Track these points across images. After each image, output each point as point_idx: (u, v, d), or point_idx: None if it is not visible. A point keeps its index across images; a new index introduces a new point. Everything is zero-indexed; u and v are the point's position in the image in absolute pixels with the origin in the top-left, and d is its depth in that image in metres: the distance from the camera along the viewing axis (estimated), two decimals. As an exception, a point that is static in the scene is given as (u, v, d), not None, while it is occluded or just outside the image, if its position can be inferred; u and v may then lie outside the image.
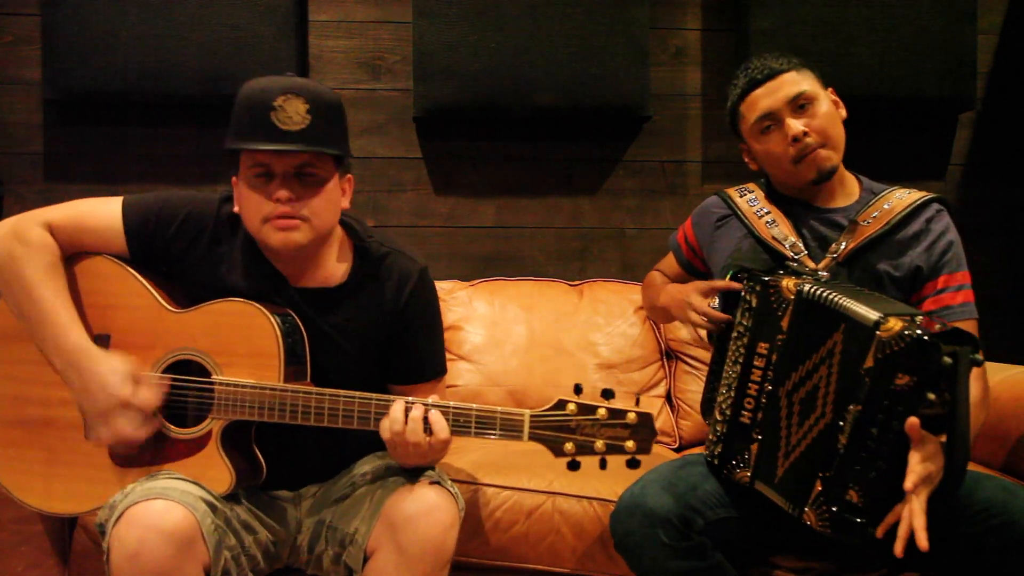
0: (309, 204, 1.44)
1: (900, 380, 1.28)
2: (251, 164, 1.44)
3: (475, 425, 1.40)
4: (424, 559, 1.38)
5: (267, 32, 2.48)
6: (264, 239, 1.46)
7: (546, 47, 2.53)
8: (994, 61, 2.74)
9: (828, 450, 1.35)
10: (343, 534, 1.47)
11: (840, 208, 1.65)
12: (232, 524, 1.42)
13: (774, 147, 1.62)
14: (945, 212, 1.64)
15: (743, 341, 1.48)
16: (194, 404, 1.46)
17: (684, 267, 1.89)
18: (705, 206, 1.83)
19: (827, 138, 1.60)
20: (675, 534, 1.41)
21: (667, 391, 2.37)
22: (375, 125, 2.66)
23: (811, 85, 1.62)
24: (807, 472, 1.37)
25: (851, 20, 2.55)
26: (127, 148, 2.61)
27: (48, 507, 1.50)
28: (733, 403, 1.48)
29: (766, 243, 1.64)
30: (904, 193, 1.64)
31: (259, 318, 1.45)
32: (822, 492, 1.34)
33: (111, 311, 1.50)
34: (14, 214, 1.51)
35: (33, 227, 1.47)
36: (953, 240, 1.61)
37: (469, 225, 2.69)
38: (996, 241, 2.73)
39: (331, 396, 1.42)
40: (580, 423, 1.36)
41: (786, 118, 1.59)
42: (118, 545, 1.28)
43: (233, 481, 1.42)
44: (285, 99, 1.41)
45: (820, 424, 1.37)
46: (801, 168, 1.60)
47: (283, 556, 1.55)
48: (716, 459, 1.50)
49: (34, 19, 2.55)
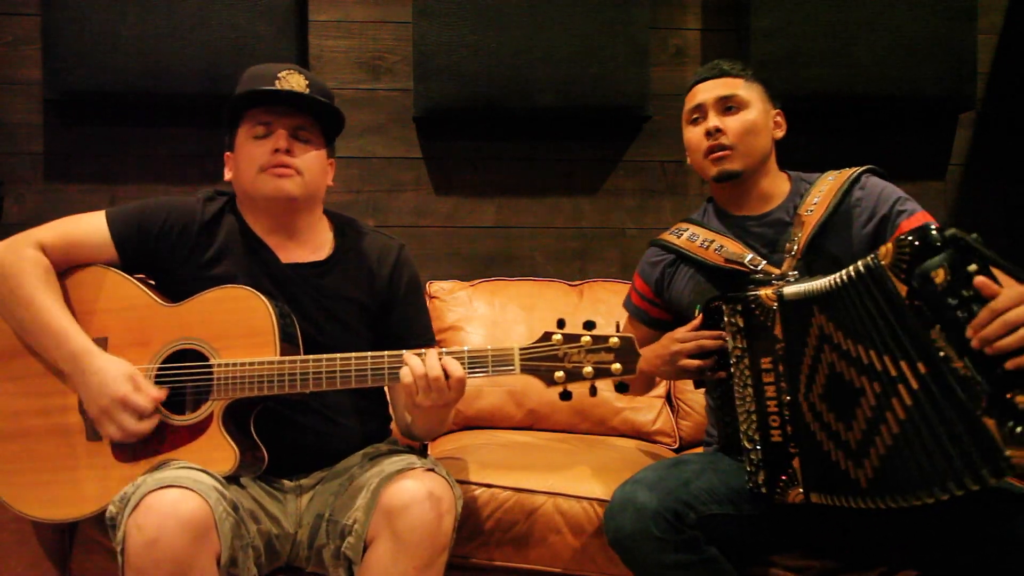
0: (303, 158, 1.59)
1: (938, 278, 1.23)
2: (254, 124, 1.58)
3: (467, 365, 1.43)
4: (421, 545, 1.40)
5: (267, 32, 2.48)
6: (258, 188, 1.58)
7: (546, 47, 2.53)
8: (994, 61, 2.74)
9: (949, 393, 1.23)
10: (342, 526, 1.48)
11: (777, 207, 1.68)
12: (239, 512, 1.43)
13: (693, 137, 1.71)
14: (872, 174, 1.65)
15: (745, 363, 1.46)
16: (193, 390, 1.49)
17: (648, 324, 1.84)
18: (646, 260, 1.83)
19: (740, 143, 1.65)
20: (666, 527, 1.42)
21: (667, 391, 2.37)
22: (375, 125, 2.66)
23: (748, 94, 1.68)
24: (945, 434, 1.23)
25: (851, 20, 2.55)
26: (127, 148, 2.61)
27: (54, 515, 1.51)
28: (759, 426, 1.45)
29: (723, 269, 1.65)
30: (834, 175, 1.67)
31: (251, 299, 1.50)
32: (1000, 422, 1.19)
33: (106, 315, 1.53)
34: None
35: (25, 247, 1.52)
36: (891, 192, 1.61)
37: (469, 225, 2.69)
38: (996, 241, 2.71)
39: (341, 359, 1.46)
40: (567, 351, 1.40)
41: (709, 113, 1.67)
42: (136, 532, 1.29)
43: (237, 457, 1.44)
44: (288, 73, 1.58)
45: (905, 395, 1.26)
46: (708, 163, 1.68)
47: (283, 553, 1.56)
48: (764, 487, 1.44)
49: (34, 19, 2.55)
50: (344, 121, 1.67)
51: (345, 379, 1.45)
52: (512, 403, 2.28)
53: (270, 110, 1.58)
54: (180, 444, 1.47)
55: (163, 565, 1.28)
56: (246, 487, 1.50)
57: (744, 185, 1.69)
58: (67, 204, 2.57)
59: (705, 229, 1.72)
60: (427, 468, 1.48)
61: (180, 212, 1.61)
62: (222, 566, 1.35)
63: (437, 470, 1.49)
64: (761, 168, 1.69)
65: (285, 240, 1.63)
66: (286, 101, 1.57)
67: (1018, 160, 2.75)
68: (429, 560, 1.41)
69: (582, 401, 2.30)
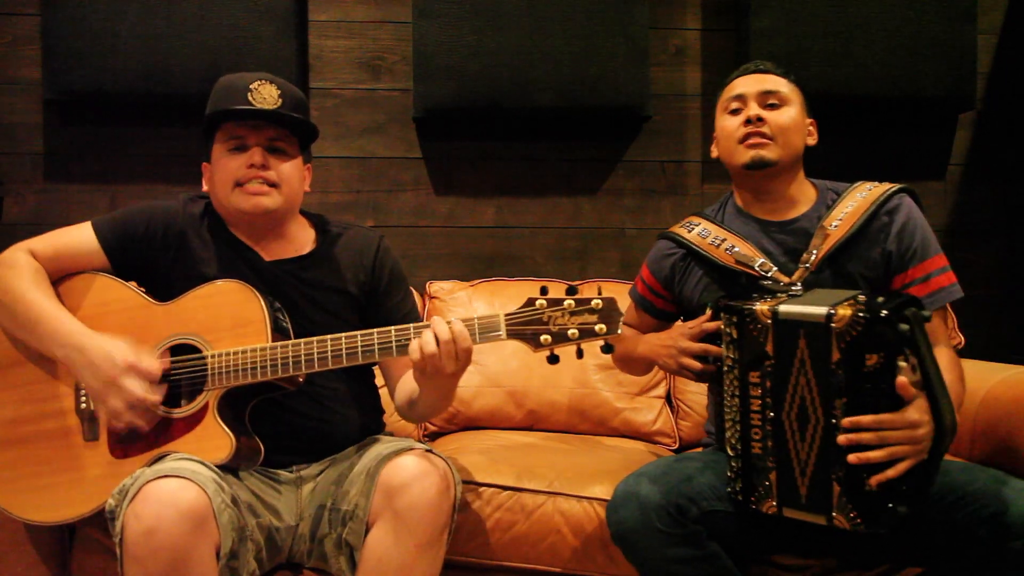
0: (279, 169, 1.59)
1: (870, 361, 1.32)
2: (227, 138, 1.59)
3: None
4: (422, 523, 1.40)
5: (267, 32, 2.48)
6: (235, 204, 1.58)
7: (546, 47, 2.53)
8: (994, 61, 2.74)
9: (834, 452, 1.35)
10: (343, 513, 1.49)
11: (802, 215, 1.67)
12: (238, 505, 1.43)
13: (730, 125, 1.69)
14: (906, 199, 1.64)
15: (735, 374, 1.46)
16: (188, 382, 1.50)
17: (651, 313, 1.85)
18: (657, 251, 1.82)
19: (779, 135, 1.64)
20: (669, 521, 1.42)
21: (667, 391, 2.37)
22: (375, 125, 2.66)
23: (791, 94, 1.69)
24: (823, 480, 1.37)
25: (851, 20, 2.55)
26: (127, 148, 2.61)
27: (53, 517, 1.51)
28: (741, 436, 1.46)
29: (732, 269, 1.64)
30: (866, 190, 1.65)
31: (242, 291, 1.52)
32: (842, 492, 1.35)
33: (99, 317, 1.54)
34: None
35: (17, 253, 1.56)
36: (916, 227, 1.61)
37: (469, 225, 2.69)
38: (996, 241, 2.73)
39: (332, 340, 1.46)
40: (551, 315, 1.42)
41: (751, 103, 1.67)
42: (134, 521, 1.30)
43: (233, 444, 1.45)
44: (260, 83, 1.58)
45: (818, 430, 1.38)
46: (741, 149, 1.66)
47: (284, 547, 1.56)
48: (740, 495, 1.47)
49: (34, 19, 2.55)
50: (317, 132, 1.67)
51: (337, 358, 1.46)
52: (512, 403, 2.28)
53: (243, 124, 1.58)
54: (177, 436, 1.48)
55: (161, 554, 1.28)
56: (244, 480, 1.51)
57: (771, 183, 1.68)
58: (67, 204, 2.58)
59: (718, 226, 1.71)
60: (425, 450, 1.49)
61: (162, 215, 1.63)
62: (222, 558, 1.35)
63: (433, 452, 1.51)
64: (791, 169, 1.68)
65: (267, 242, 1.65)
66: (258, 118, 1.57)
67: (1018, 160, 2.74)
68: (431, 538, 1.41)
69: (582, 401, 2.30)
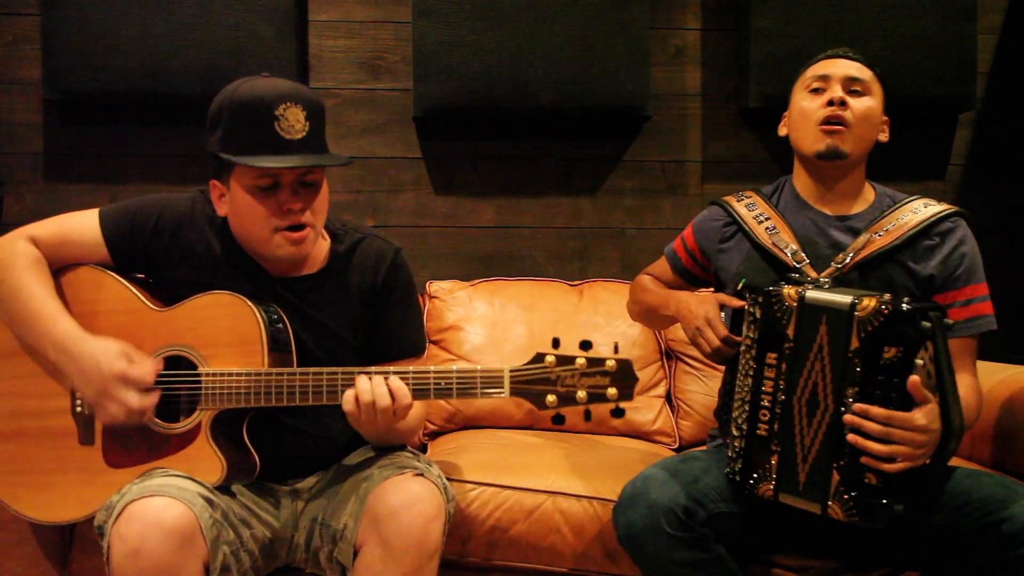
0: (312, 208, 1.49)
1: (887, 353, 1.33)
2: (258, 175, 1.45)
3: (457, 386, 1.41)
4: (408, 552, 1.38)
5: (267, 32, 2.48)
6: (272, 251, 1.49)
7: (546, 47, 2.52)
8: (994, 61, 2.74)
9: (838, 440, 1.36)
10: (333, 530, 1.48)
11: (857, 214, 1.67)
12: (229, 518, 1.42)
13: (810, 105, 1.66)
14: (962, 224, 1.63)
15: (752, 353, 1.47)
16: (183, 398, 1.47)
17: (681, 275, 1.87)
18: (706, 216, 1.83)
19: (858, 125, 1.63)
20: (678, 524, 1.41)
21: (667, 391, 2.37)
22: (375, 125, 2.65)
23: (875, 87, 1.67)
24: (824, 468, 1.38)
25: (851, 20, 2.55)
26: (127, 148, 2.61)
27: (47, 517, 1.51)
28: (748, 416, 1.47)
29: (767, 251, 1.64)
30: (922, 206, 1.64)
31: (240, 307, 1.47)
32: (841, 482, 1.36)
33: (96, 317, 1.52)
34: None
35: (17, 240, 1.51)
36: (966, 253, 1.61)
37: (469, 225, 2.69)
38: (996, 241, 2.73)
39: (328, 374, 1.43)
40: (560, 375, 1.36)
41: (835, 86, 1.64)
42: (119, 543, 1.29)
43: (224, 470, 1.43)
44: (286, 107, 1.43)
45: (826, 417, 1.39)
46: (819, 133, 1.63)
47: (281, 554, 1.56)
48: (737, 475, 1.48)
49: (34, 19, 2.54)
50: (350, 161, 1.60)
51: (332, 394, 1.43)
52: (512, 403, 2.28)
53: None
54: (170, 452, 1.45)
55: (148, 574, 1.27)
56: (237, 494, 1.49)
57: (837, 175, 1.67)
58: (67, 204, 2.56)
59: (766, 204, 1.72)
60: (416, 473, 1.46)
61: (173, 213, 1.56)
62: (212, 573, 1.34)
63: (427, 475, 1.47)
64: (858, 164, 1.68)
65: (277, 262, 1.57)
66: (296, 167, 1.44)
67: (1018, 160, 2.74)
68: (417, 566, 1.40)
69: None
